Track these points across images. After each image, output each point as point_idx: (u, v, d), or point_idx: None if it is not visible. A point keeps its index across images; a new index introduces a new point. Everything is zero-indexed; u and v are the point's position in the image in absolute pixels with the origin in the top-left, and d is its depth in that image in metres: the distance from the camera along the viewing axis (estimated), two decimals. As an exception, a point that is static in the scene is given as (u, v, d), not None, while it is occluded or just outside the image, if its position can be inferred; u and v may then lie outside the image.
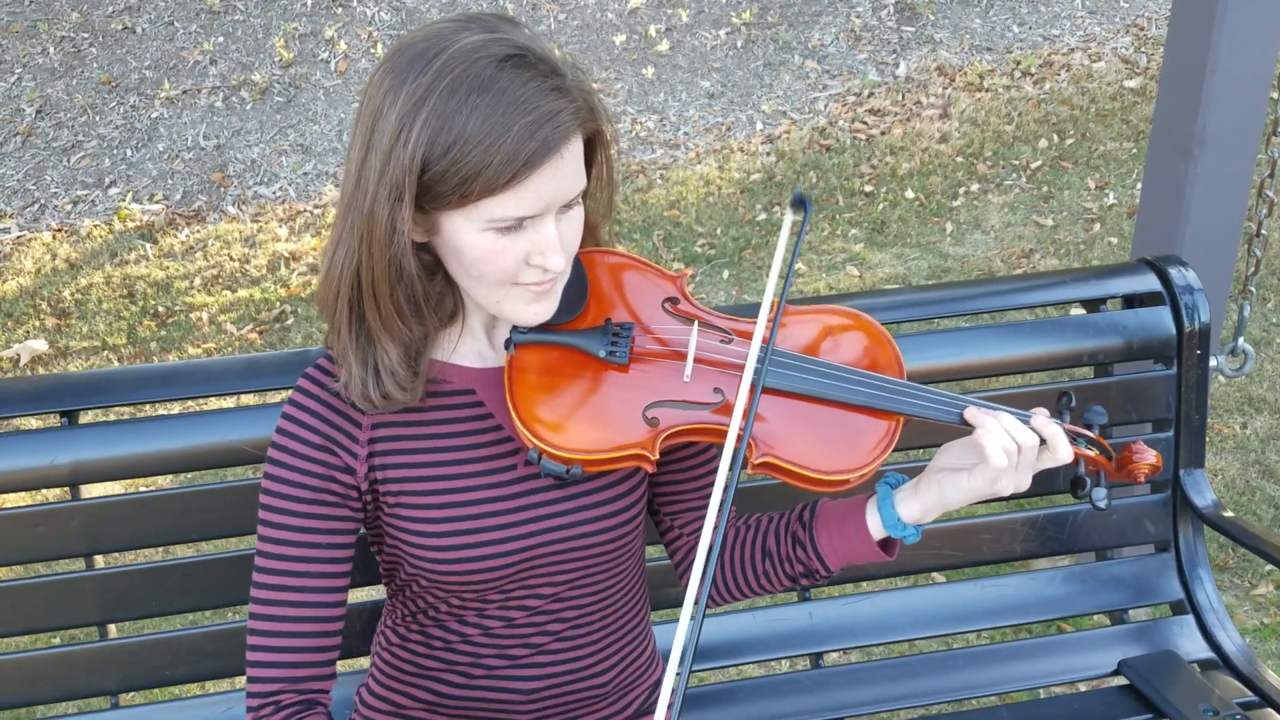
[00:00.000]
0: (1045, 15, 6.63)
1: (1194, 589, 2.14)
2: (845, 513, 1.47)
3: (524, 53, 1.24)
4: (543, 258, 1.28)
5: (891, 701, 2.03)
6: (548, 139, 1.22)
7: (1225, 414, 3.81)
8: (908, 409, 1.40)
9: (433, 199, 1.25)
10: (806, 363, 1.40)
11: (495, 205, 1.24)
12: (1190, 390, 2.09)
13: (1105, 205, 5.16)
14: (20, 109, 6.00)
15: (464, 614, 1.47)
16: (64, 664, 1.92)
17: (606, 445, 1.33)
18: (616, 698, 1.59)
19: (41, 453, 1.84)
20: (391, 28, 6.37)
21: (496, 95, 1.21)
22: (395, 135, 1.22)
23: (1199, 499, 2.12)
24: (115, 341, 4.72)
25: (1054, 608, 2.14)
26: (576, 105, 1.25)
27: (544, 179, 1.24)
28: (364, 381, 1.34)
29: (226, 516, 1.90)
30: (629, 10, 6.52)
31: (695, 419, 1.37)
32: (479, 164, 1.21)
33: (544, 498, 1.42)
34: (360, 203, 1.26)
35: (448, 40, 1.23)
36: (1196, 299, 2.08)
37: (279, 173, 5.78)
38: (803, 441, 1.38)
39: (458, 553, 1.40)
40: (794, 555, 1.50)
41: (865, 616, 2.10)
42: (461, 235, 1.27)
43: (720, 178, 5.63)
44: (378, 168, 1.24)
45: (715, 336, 1.42)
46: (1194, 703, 1.95)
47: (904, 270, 4.91)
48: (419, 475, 1.40)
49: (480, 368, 1.43)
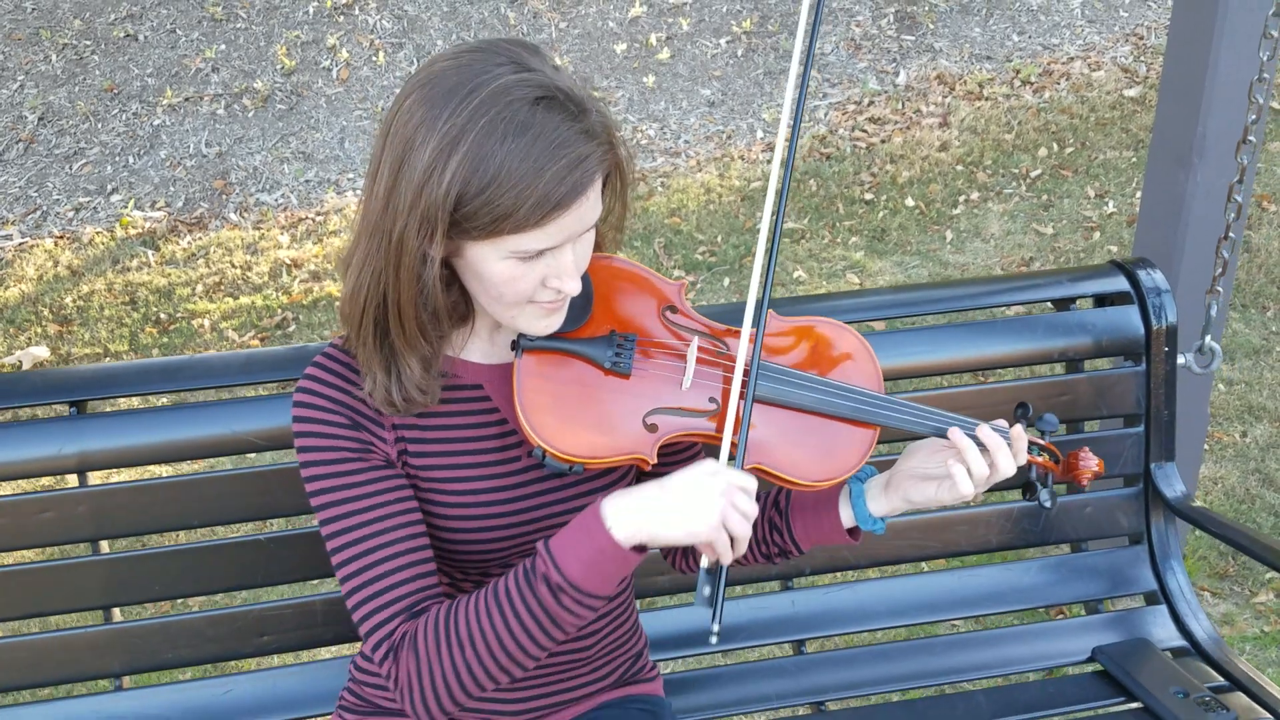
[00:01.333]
0: (1045, 24, 6.67)
1: (1166, 579, 2.21)
2: (819, 504, 1.60)
3: (554, 94, 1.30)
4: (559, 281, 1.37)
5: (871, 685, 2.10)
6: (577, 183, 1.30)
7: (1225, 422, 3.84)
8: (888, 421, 1.52)
9: (461, 231, 1.32)
10: (796, 378, 1.51)
11: (521, 240, 1.31)
12: (1159, 386, 2.16)
13: (1105, 214, 5.20)
14: (22, 116, 6.05)
15: (463, 585, 1.56)
16: (69, 647, 1.98)
17: (608, 449, 1.43)
18: (599, 664, 1.67)
19: (50, 442, 1.91)
20: (393, 36, 6.44)
21: (531, 139, 1.27)
22: (429, 170, 1.29)
23: (1169, 491, 2.18)
24: (117, 348, 4.76)
25: (1030, 597, 2.21)
26: (603, 148, 1.33)
27: (571, 219, 1.32)
28: (388, 389, 1.42)
29: (229, 504, 1.97)
30: (630, 19, 6.59)
31: (692, 426, 1.47)
32: (511, 205, 1.28)
33: (544, 485, 1.52)
34: (388, 227, 1.33)
35: (481, 76, 1.30)
36: (1164, 299, 2.15)
37: (281, 180, 5.84)
38: (789, 450, 1.50)
39: (464, 523, 1.49)
40: (770, 538, 1.65)
41: (846, 605, 2.17)
42: (484, 263, 1.35)
43: (721, 185, 5.68)
44: (409, 198, 1.30)
45: (712, 347, 1.52)
46: (1165, 686, 2.01)
47: (904, 278, 4.95)
48: (434, 464, 1.48)
49: (487, 364, 1.52)
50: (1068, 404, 2.15)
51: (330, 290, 5.05)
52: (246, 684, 2.04)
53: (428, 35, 6.45)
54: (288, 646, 2.03)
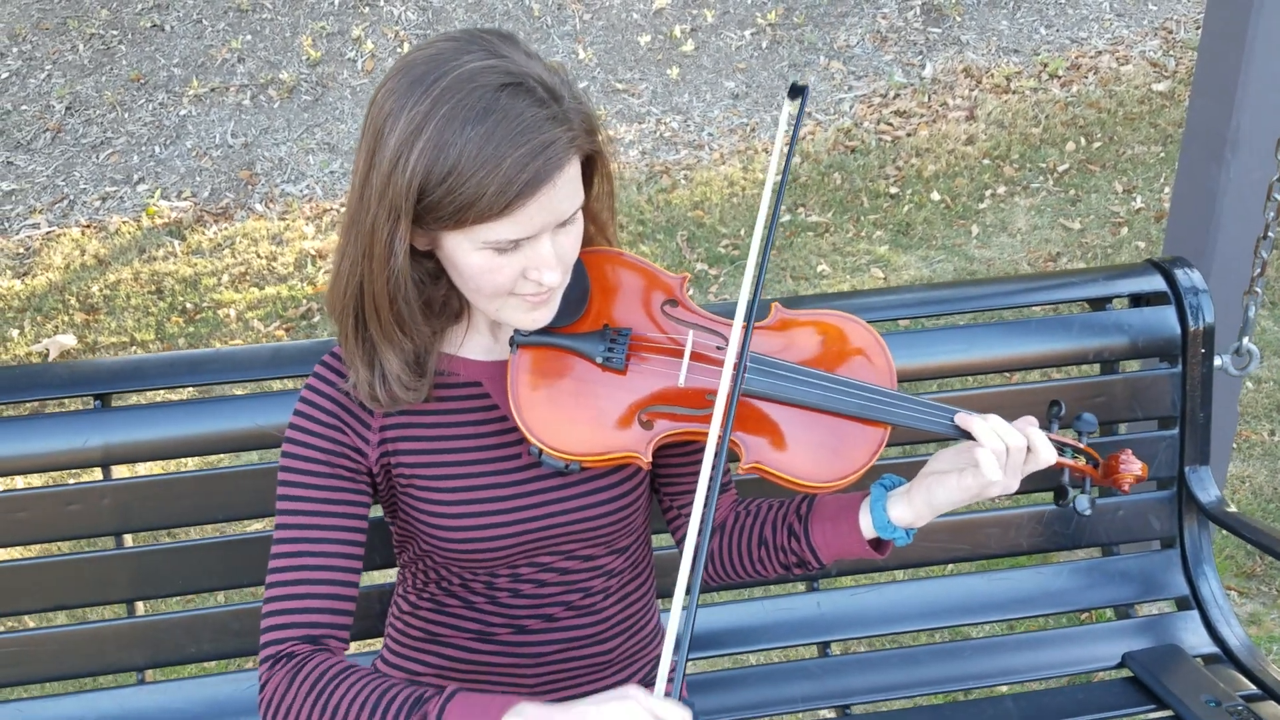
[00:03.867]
0: (1073, 18, 6.62)
1: (1199, 584, 2.17)
2: (839, 511, 1.52)
3: (520, 80, 1.27)
4: (538, 273, 1.33)
5: (898, 690, 2.07)
6: (540, 170, 1.26)
7: (1254, 420, 3.81)
8: (897, 419, 1.44)
9: (430, 220, 1.30)
10: (797, 372, 1.45)
11: (490, 230, 1.29)
12: (1195, 388, 2.13)
13: (1133, 209, 5.16)
14: (50, 105, 6.08)
15: (473, 585, 1.54)
16: (93, 640, 1.98)
17: (602, 447, 1.39)
18: (621, 666, 1.65)
19: (75, 434, 1.91)
20: (418, 27, 6.43)
21: (491, 126, 1.24)
22: (395, 159, 1.27)
23: (1203, 495, 2.15)
24: (143, 337, 4.78)
25: (1060, 601, 2.18)
26: (573, 133, 1.29)
27: (537, 207, 1.28)
28: (370, 384, 1.40)
29: (253, 498, 1.96)
30: (654, 11, 6.56)
31: (687, 424, 1.42)
32: (473, 194, 1.25)
33: (548, 484, 1.49)
34: (362, 218, 1.32)
35: (447, 65, 1.27)
36: (1201, 300, 2.11)
37: (306, 171, 5.85)
38: (791, 449, 1.43)
39: (466, 534, 1.46)
40: (788, 546, 1.56)
41: (872, 607, 2.14)
42: (459, 253, 1.32)
43: (744, 178, 5.65)
44: (378, 187, 1.29)
45: (710, 342, 1.46)
46: (1197, 694, 1.98)
47: (929, 273, 4.91)
48: (430, 462, 1.46)
49: (486, 361, 1.49)
50: (1102, 405, 2.12)
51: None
52: (270, 679, 2.03)
53: (452, 26, 6.43)
54: (311, 642, 2.02)
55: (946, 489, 1.42)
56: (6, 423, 1.94)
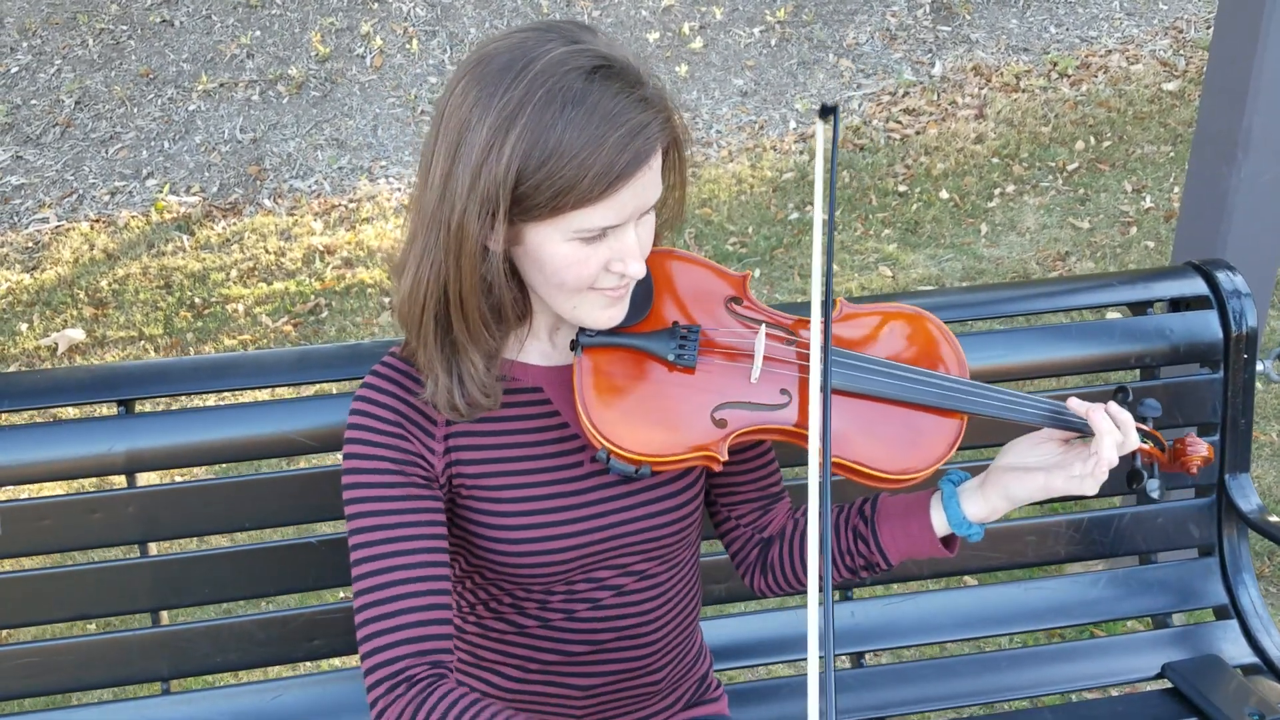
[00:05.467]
0: (1083, 16, 6.60)
1: (1238, 593, 2.14)
2: (908, 510, 1.48)
3: (609, 63, 1.25)
4: (623, 264, 1.30)
5: (934, 701, 2.04)
6: (639, 151, 1.24)
7: (1263, 421, 3.79)
8: (977, 408, 1.41)
9: (522, 212, 1.26)
10: (872, 364, 1.41)
11: (584, 216, 1.26)
12: (1237, 394, 2.09)
13: (1142, 209, 5.14)
14: (59, 100, 6.05)
15: (526, 605, 1.49)
16: (117, 649, 1.94)
17: (676, 447, 1.35)
18: (667, 692, 1.62)
19: (98, 440, 1.87)
20: (427, 23, 6.39)
21: (589, 109, 1.22)
22: (486, 149, 1.23)
23: (1244, 503, 2.11)
24: (152, 332, 4.76)
25: (1097, 610, 2.14)
26: (662, 116, 1.27)
27: (631, 192, 1.26)
28: (450, 390, 1.36)
29: (279, 506, 1.92)
30: (663, 7, 6.53)
31: (763, 420, 1.38)
32: (574, 177, 1.22)
33: (609, 493, 1.45)
34: (446, 216, 1.27)
35: (534, 52, 1.24)
36: (1244, 304, 2.07)
37: (314, 167, 5.82)
38: (869, 441, 1.40)
39: (526, 545, 1.42)
40: (855, 549, 1.52)
41: (907, 617, 2.11)
42: (547, 246, 1.29)
43: (753, 176, 5.63)
44: (467, 182, 1.25)
45: (781, 337, 1.43)
46: (1239, 706, 1.95)
47: (937, 271, 4.89)
48: (492, 471, 1.42)
49: (546, 366, 1.45)
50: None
51: (362, 277, 5.02)
52: (297, 689, 1.99)
53: (460, 23, 6.40)
54: (339, 651, 1.98)
55: (1027, 487, 1.40)
56: (28, 429, 1.90)
